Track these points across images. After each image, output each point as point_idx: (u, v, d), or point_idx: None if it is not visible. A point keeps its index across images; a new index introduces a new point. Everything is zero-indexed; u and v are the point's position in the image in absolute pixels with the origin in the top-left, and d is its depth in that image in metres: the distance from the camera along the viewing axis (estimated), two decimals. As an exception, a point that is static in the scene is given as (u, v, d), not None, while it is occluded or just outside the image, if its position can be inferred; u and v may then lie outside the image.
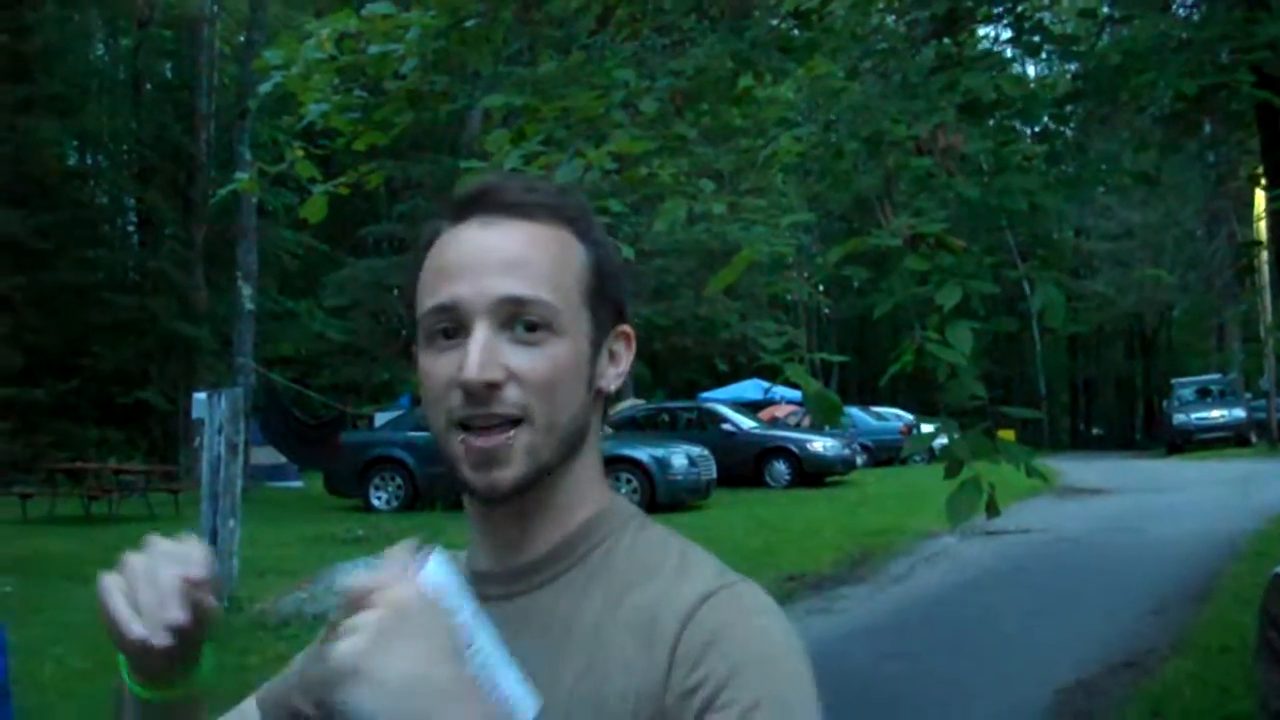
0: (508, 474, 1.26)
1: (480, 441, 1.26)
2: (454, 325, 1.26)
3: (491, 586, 1.31)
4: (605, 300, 1.33)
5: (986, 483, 4.13)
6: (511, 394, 1.25)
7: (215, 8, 35.95)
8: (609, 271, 1.34)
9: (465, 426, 1.26)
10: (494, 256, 1.28)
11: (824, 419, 4.68)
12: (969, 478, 4.15)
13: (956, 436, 4.33)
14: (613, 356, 1.35)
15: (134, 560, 1.28)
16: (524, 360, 1.25)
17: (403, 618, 1.12)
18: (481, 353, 1.24)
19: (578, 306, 1.29)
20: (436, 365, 1.27)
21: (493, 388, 1.24)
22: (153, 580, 1.26)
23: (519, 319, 1.25)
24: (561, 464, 1.29)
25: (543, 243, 1.29)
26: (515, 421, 1.25)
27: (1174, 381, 44.29)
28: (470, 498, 1.32)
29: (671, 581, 1.25)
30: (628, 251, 4.81)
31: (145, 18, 35.86)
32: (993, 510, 4.22)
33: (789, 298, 36.75)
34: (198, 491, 12.52)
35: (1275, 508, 17.21)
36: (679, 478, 21.55)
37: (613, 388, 1.35)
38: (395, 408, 28.41)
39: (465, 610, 1.22)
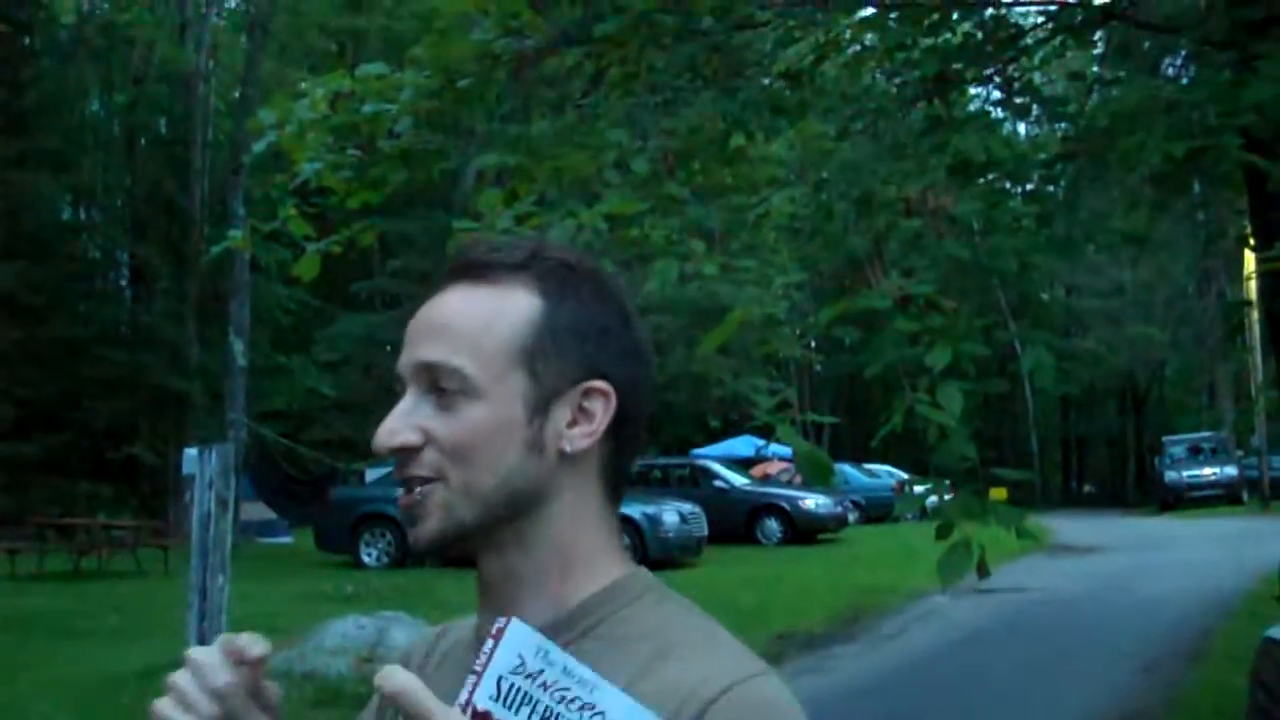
0: (426, 529, 1.28)
1: (401, 500, 1.30)
2: (401, 392, 1.29)
3: None
4: (558, 358, 1.28)
5: (977, 543, 4.12)
6: (428, 457, 1.26)
7: (210, 64, 36.07)
8: (568, 327, 1.29)
9: None
10: (423, 323, 1.30)
11: (815, 479, 4.67)
12: (960, 539, 4.14)
13: (947, 498, 4.33)
14: (584, 414, 1.29)
15: (179, 679, 1.31)
16: (439, 425, 1.25)
17: None
18: (392, 419, 1.27)
19: (504, 368, 1.26)
20: None
21: (405, 451, 1.26)
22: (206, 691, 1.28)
23: (436, 384, 1.26)
24: (503, 525, 1.28)
25: (474, 306, 1.29)
26: (432, 480, 1.26)
27: (1165, 439, 44.33)
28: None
29: (688, 665, 1.21)
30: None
31: (140, 74, 36.01)
32: (983, 571, 4.21)
33: (781, 355, 36.81)
34: (187, 547, 12.44)
35: (1267, 566, 17.18)
36: (670, 535, 21.49)
37: (576, 448, 1.28)
38: (386, 464, 28.21)
39: (564, 667, 1.15)
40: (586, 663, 1.22)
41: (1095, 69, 6.77)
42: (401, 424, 1.26)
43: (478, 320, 1.28)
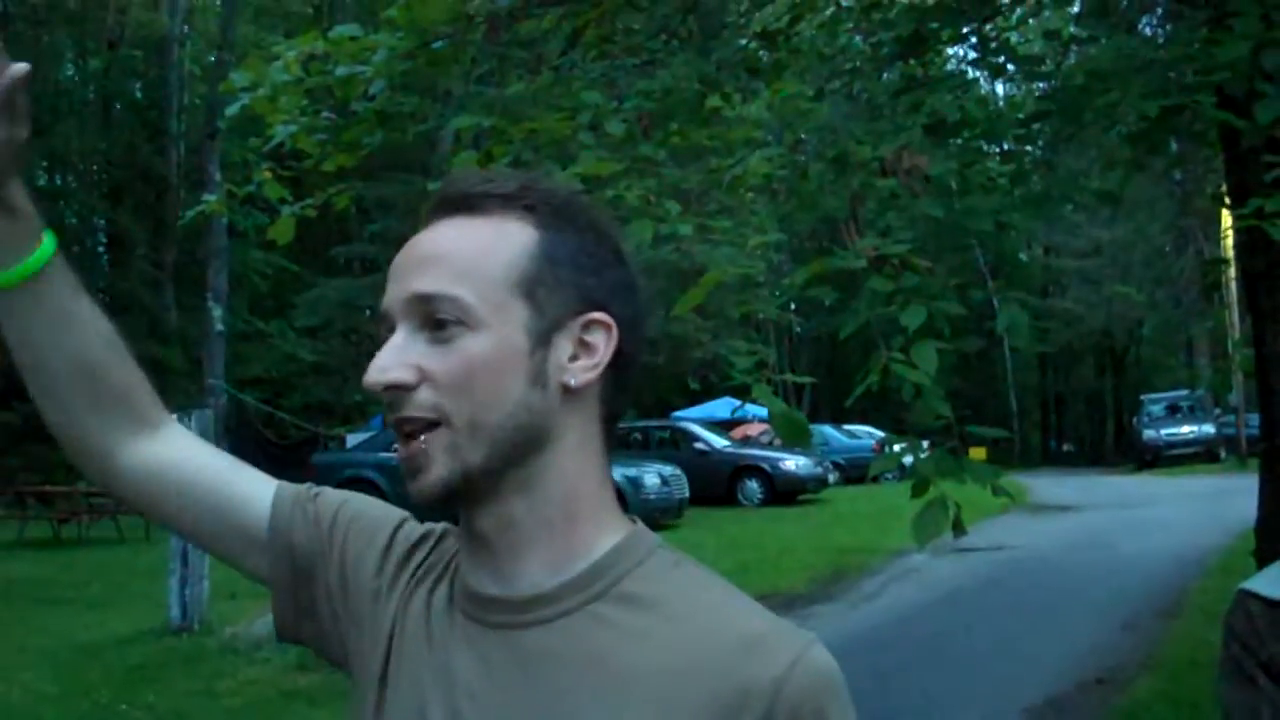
0: (430, 478, 1.21)
1: (401, 451, 1.23)
2: (389, 331, 1.24)
3: (497, 613, 1.25)
4: (558, 288, 1.24)
5: (953, 502, 4.14)
6: (424, 396, 1.20)
7: (185, 29, 35.85)
8: (567, 258, 1.25)
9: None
10: (414, 256, 1.25)
11: (791, 440, 4.68)
12: (935, 497, 4.16)
13: (923, 456, 4.35)
14: (585, 348, 1.25)
15: None
16: (435, 360, 1.20)
17: None
18: (385, 355, 1.21)
19: (505, 297, 1.21)
20: None
21: (399, 389, 1.21)
22: None
23: (431, 317, 1.21)
24: (510, 468, 1.22)
25: (470, 235, 1.24)
26: (433, 425, 1.20)
27: (1143, 398, 44.55)
28: (461, 515, 1.28)
29: (729, 630, 1.20)
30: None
31: (115, 38, 35.75)
32: (959, 530, 4.23)
33: (759, 317, 36.81)
34: (168, 514, 12.41)
35: (1244, 523, 17.27)
36: (651, 497, 21.53)
37: (578, 382, 1.24)
38: (367, 429, 28.30)
39: None
40: (600, 625, 1.21)
41: (1071, 28, 6.74)
42: (394, 360, 1.21)
43: (474, 249, 1.23)
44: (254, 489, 1.42)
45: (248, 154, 28.74)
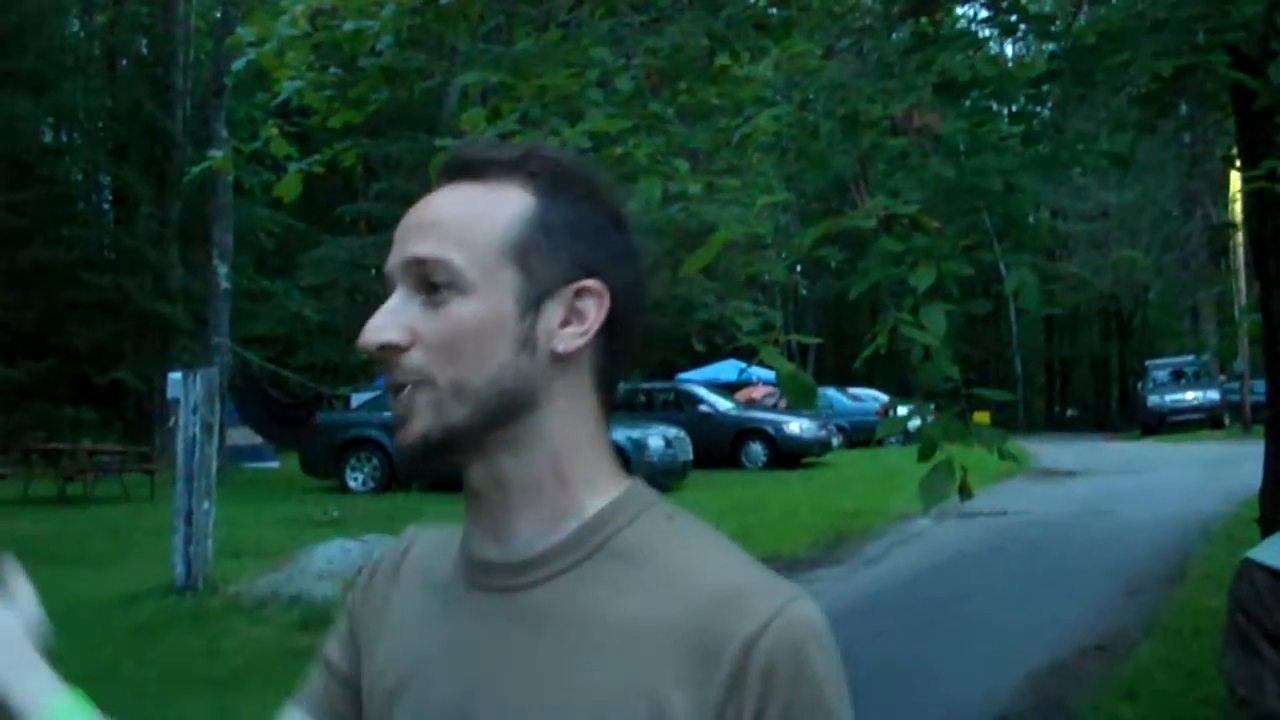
0: (412, 430, 1.23)
1: (392, 406, 1.26)
2: (389, 294, 1.26)
3: (497, 577, 1.27)
4: (552, 255, 1.25)
5: (959, 465, 4.13)
6: (413, 358, 1.23)
7: (191, -17, 35.71)
8: (562, 226, 1.27)
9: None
10: (415, 220, 1.27)
11: (797, 401, 4.67)
12: (942, 460, 4.14)
13: (930, 419, 4.33)
14: (576, 314, 1.26)
15: None
16: (427, 322, 1.23)
17: None
18: (379, 316, 1.24)
19: (496, 262, 1.23)
20: None
21: (390, 350, 1.23)
22: None
23: (426, 280, 1.23)
24: (495, 427, 1.24)
25: (466, 200, 1.27)
26: (421, 382, 1.23)
27: (1148, 363, 44.54)
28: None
29: (712, 584, 1.19)
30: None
31: (120, -7, 35.66)
32: (965, 493, 4.22)
33: (766, 278, 36.77)
34: (173, 472, 12.47)
35: (1247, 490, 17.29)
36: (655, 459, 21.57)
37: (567, 348, 1.25)
38: (372, 388, 28.32)
39: None
40: (596, 583, 1.23)
41: (1083, -13, 6.69)
42: (388, 321, 1.24)
43: (469, 215, 1.25)
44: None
45: (254, 110, 28.80)
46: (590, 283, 1.26)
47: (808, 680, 1.15)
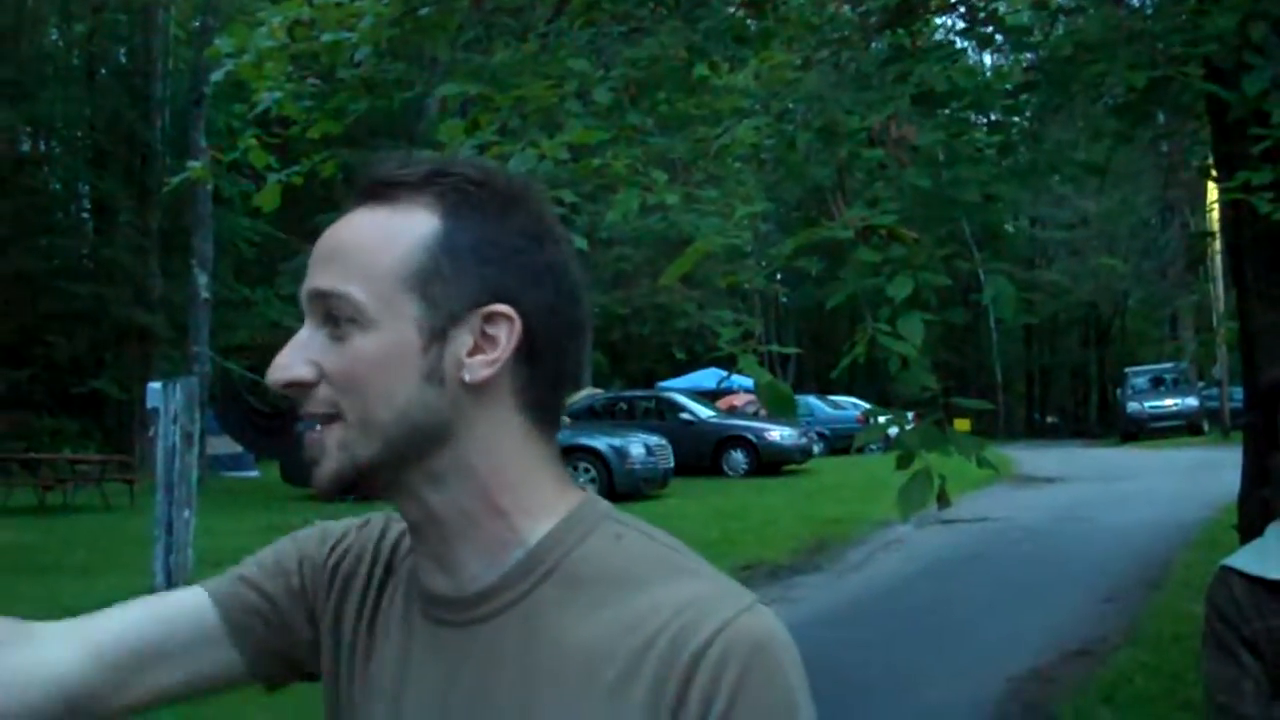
0: (324, 471, 1.21)
1: (304, 448, 1.23)
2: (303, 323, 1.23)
3: (448, 611, 1.23)
4: (456, 280, 1.19)
5: (937, 474, 4.14)
6: (323, 393, 1.19)
7: (170, -8, 35.58)
8: (468, 248, 1.20)
9: None
10: (320, 249, 1.23)
11: (775, 410, 4.68)
12: (920, 469, 4.16)
13: (908, 428, 4.35)
14: (487, 340, 1.19)
15: None
16: (331, 357, 1.19)
17: None
18: (285, 352, 1.21)
19: (395, 292, 1.18)
20: None
21: (298, 387, 1.20)
22: None
23: (329, 313, 1.19)
24: (411, 462, 1.20)
25: (371, 226, 1.21)
26: (332, 418, 1.20)
27: (1127, 370, 44.70)
28: None
29: (658, 600, 1.15)
30: (581, 243, 4.80)
31: (99, 2, 35.46)
32: (943, 501, 4.24)
33: (746, 287, 36.81)
34: (153, 481, 12.42)
35: (1226, 496, 17.36)
36: (636, 467, 21.57)
37: (476, 377, 1.19)
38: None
39: None
40: (546, 611, 1.18)
41: (1060, -2, 6.73)
42: (294, 358, 1.20)
43: (369, 243, 1.20)
44: (182, 601, 1.41)
45: (233, 120, 28.68)
46: (499, 307, 1.20)
47: (753, 689, 1.11)
